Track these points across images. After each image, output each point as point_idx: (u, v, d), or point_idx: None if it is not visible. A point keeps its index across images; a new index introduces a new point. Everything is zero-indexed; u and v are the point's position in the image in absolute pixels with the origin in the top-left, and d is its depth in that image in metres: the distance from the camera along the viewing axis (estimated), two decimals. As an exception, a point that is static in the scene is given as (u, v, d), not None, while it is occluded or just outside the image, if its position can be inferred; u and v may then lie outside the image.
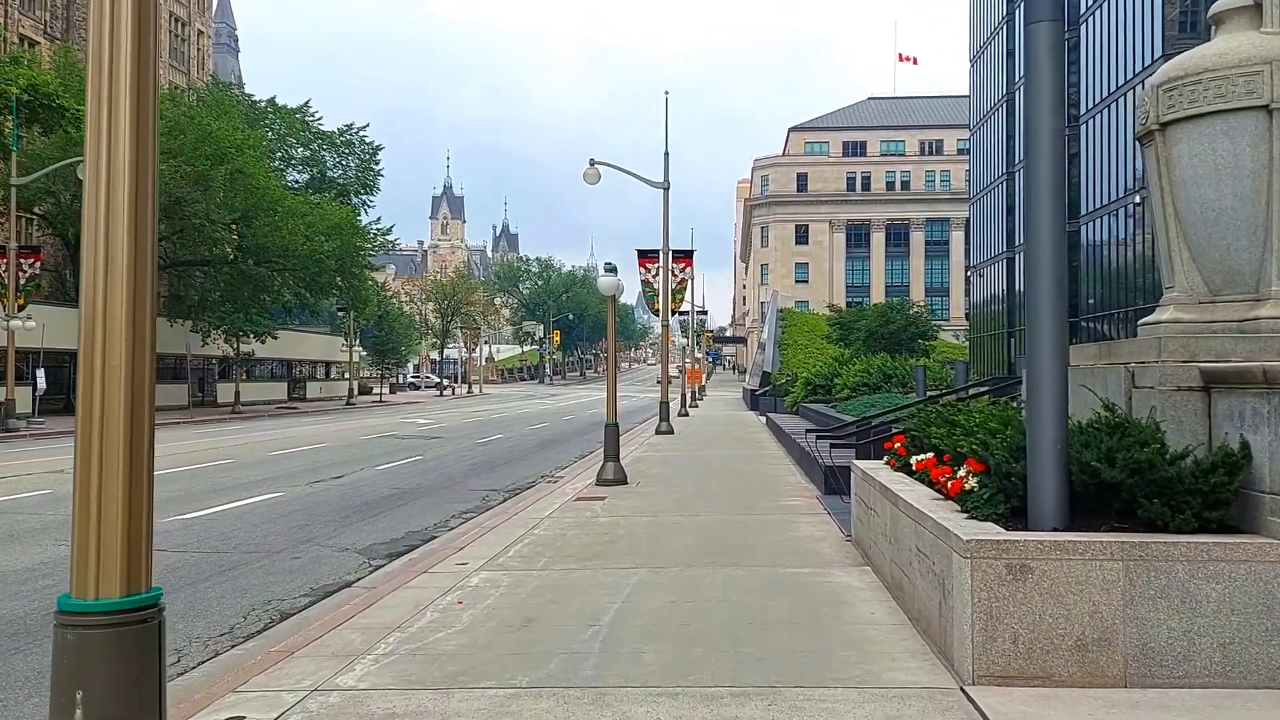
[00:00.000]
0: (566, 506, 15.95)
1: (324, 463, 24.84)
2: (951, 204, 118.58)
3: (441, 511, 16.62)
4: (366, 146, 71.82)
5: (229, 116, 57.14)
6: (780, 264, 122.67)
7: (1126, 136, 40.46)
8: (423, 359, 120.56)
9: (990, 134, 63.72)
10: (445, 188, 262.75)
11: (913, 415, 12.34)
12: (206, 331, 51.31)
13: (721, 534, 12.83)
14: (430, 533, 14.49)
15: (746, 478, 20.01)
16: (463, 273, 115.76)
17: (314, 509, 16.77)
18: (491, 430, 38.78)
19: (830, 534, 12.75)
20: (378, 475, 22.21)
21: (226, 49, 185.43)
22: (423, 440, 33.32)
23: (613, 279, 19.00)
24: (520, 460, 26.55)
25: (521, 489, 19.98)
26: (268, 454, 27.34)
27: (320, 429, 39.84)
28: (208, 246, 50.33)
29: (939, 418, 10.11)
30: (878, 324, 44.93)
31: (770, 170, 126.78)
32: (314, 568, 11.85)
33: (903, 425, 12.34)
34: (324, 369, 79.71)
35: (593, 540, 12.47)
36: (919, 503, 8.05)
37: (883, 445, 14.40)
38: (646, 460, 24.40)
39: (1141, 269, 39.14)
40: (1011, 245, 58.06)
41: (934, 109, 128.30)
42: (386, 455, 27.19)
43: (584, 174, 36.04)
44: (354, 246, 57.35)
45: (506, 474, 22.95)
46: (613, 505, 15.92)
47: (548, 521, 14.28)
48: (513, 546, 12.16)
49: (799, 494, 17.02)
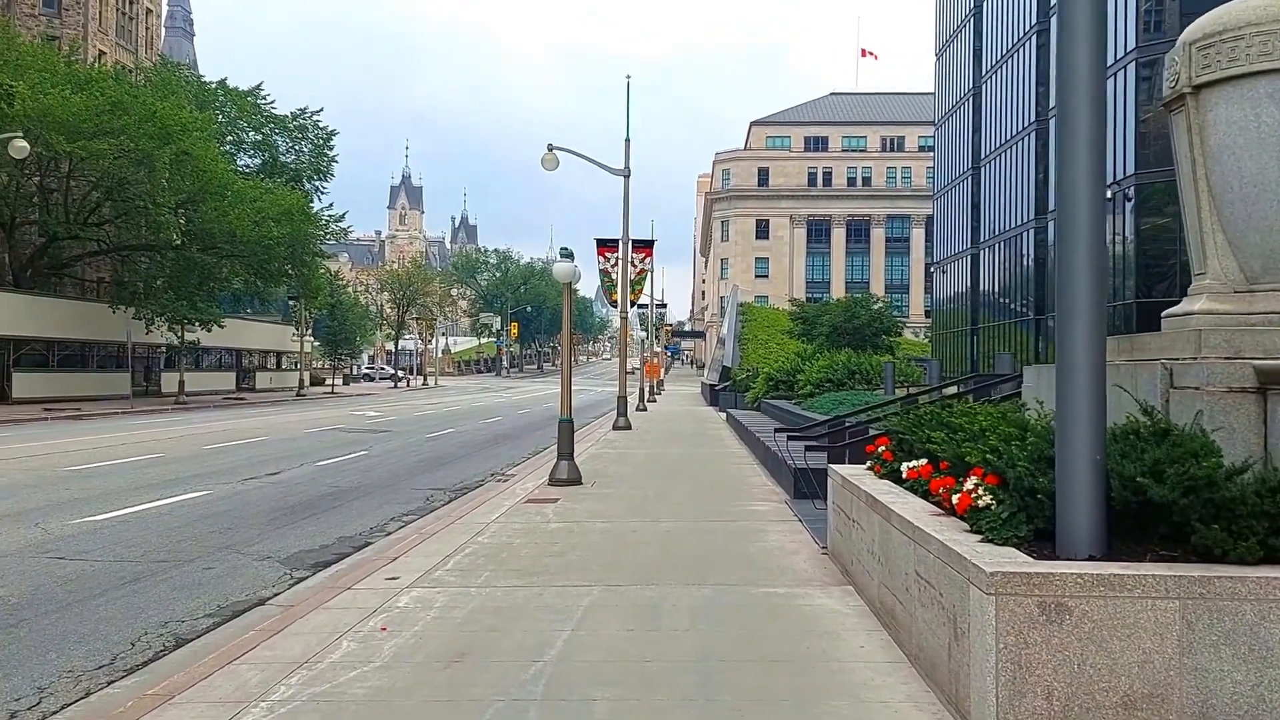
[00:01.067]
0: (516, 510, 14.73)
1: (261, 458, 23.40)
2: (913, 201, 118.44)
3: (380, 514, 15.33)
4: (320, 131, 69.77)
5: (176, 97, 55.18)
6: (740, 258, 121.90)
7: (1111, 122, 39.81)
8: (378, 350, 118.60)
9: (956, 128, 63.02)
10: (404, 178, 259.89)
11: (893, 415, 11.27)
12: (150, 319, 49.32)
13: (685, 544, 11.68)
14: (365, 538, 13.22)
15: (710, 478, 18.89)
16: (419, 262, 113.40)
17: (241, 510, 15.42)
18: (443, 424, 37.40)
19: (804, 545, 11.63)
20: (317, 472, 20.84)
21: (182, 33, 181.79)
22: (369, 434, 31.90)
23: (568, 265, 17.78)
24: (470, 456, 25.27)
25: (469, 488, 18.73)
26: (202, 448, 25.82)
27: (264, 421, 38.24)
28: (152, 231, 48.39)
29: (933, 419, 9.00)
30: (842, 319, 43.95)
31: (731, 164, 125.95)
32: (228, 580, 10.55)
33: (884, 426, 11.23)
34: (275, 359, 77.65)
35: (542, 551, 11.27)
36: (918, 519, 6.91)
37: (862, 448, 13.31)
38: (603, 458, 23.21)
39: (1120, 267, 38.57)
40: (976, 241, 57.37)
41: (896, 105, 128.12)
42: (330, 450, 25.78)
43: (542, 159, 34.79)
44: (305, 233, 55.47)
45: (455, 471, 21.67)
46: (566, 509, 14.73)
47: (494, 527, 13.06)
48: (453, 557, 10.93)
49: (767, 497, 15.91)
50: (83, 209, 51.03)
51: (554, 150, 34.96)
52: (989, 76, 55.71)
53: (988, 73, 55.95)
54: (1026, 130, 49.00)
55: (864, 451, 13.12)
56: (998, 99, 53.94)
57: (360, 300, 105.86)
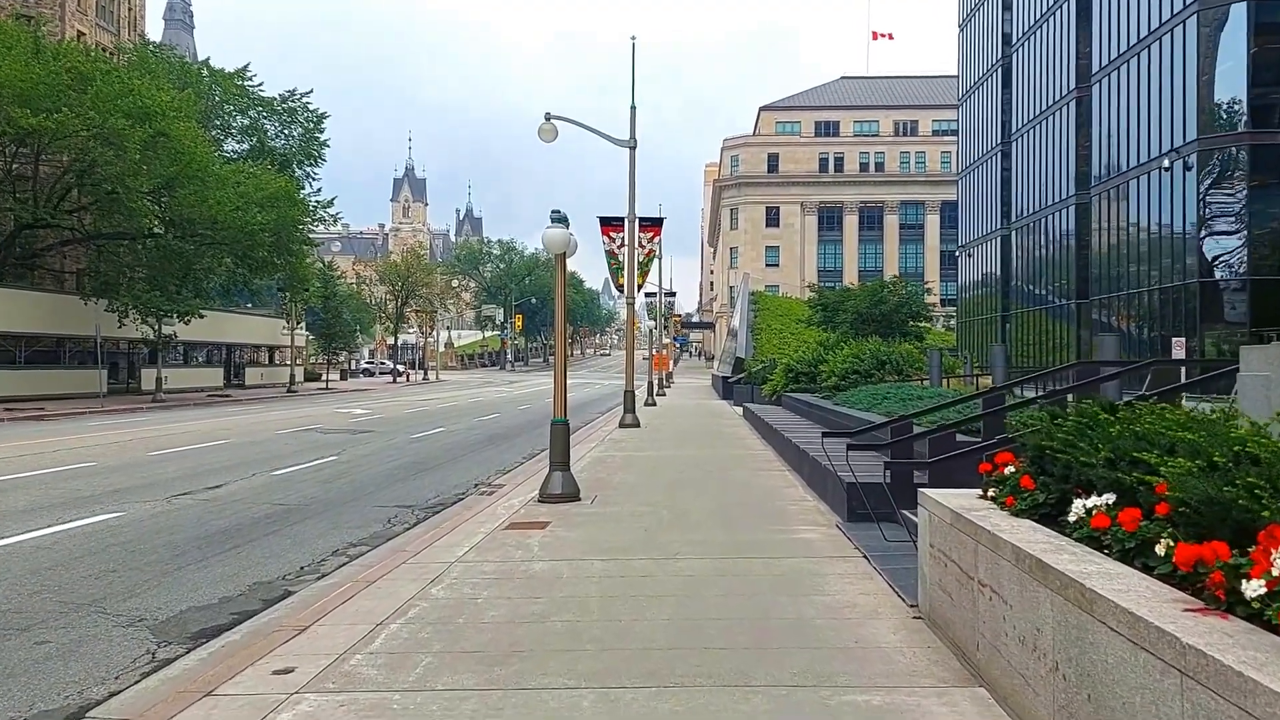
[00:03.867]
0: (493, 539, 11.48)
1: (210, 466, 20.15)
2: (927, 186, 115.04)
3: (322, 544, 12.09)
4: (311, 114, 66.38)
5: (155, 76, 51.94)
6: (750, 247, 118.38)
7: (1150, 90, 36.27)
8: (378, 344, 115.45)
9: (982, 102, 59.37)
10: (407, 169, 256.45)
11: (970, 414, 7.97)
12: (123, 311, 46.05)
13: (714, 600, 8.40)
14: (286, 585, 9.98)
15: (736, 491, 15.61)
16: (418, 252, 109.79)
17: (147, 540, 12.18)
18: (433, 422, 34.17)
19: (884, 600, 8.33)
20: (268, 484, 17.59)
21: (181, 25, 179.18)
22: (348, 435, 28.67)
23: (562, 232, 14.47)
24: (457, 461, 22.03)
25: (446, 504, 15.52)
26: (147, 454, 22.55)
27: (237, 421, 35.02)
28: (126, 217, 45.16)
29: (1112, 433, 5.70)
30: (867, 305, 40.55)
31: (740, 150, 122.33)
32: (55, 664, 7.30)
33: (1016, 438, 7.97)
34: (267, 354, 74.46)
35: (514, 613, 8.00)
36: (1180, 629, 3.64)
37: (941, 457, 10.01)
38: (607, 463, 19.93)
39: (1170, 242, 35.02)
40: (1008, 221, 53.83)
41: (909, 88, 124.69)
42: (295, 455, 22.55)
43: (540, 129, 31.50)
44: (291, 219, 52.10)
45: (433, 482, 18.42)
46: (556, 539, 11.47)
47: (457, 570, 9.82)
48: (388, 625, 7.68)
49: (812, 520, 12.62)
50: (53, 194, 47.83)
51: (552, 120, 31.75)
52: (1020, 44, 52.11)
53: (1019, 40, 52.35)
54: (1065, 99, 45.49)
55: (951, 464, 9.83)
56: (1030, 68, 50.41)
57: (359, 292, 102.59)
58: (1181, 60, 33.49)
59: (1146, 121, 36.51)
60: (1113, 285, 40.12)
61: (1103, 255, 41.31)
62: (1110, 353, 12.81)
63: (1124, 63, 38.54)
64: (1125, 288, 39.04)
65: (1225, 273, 33.21)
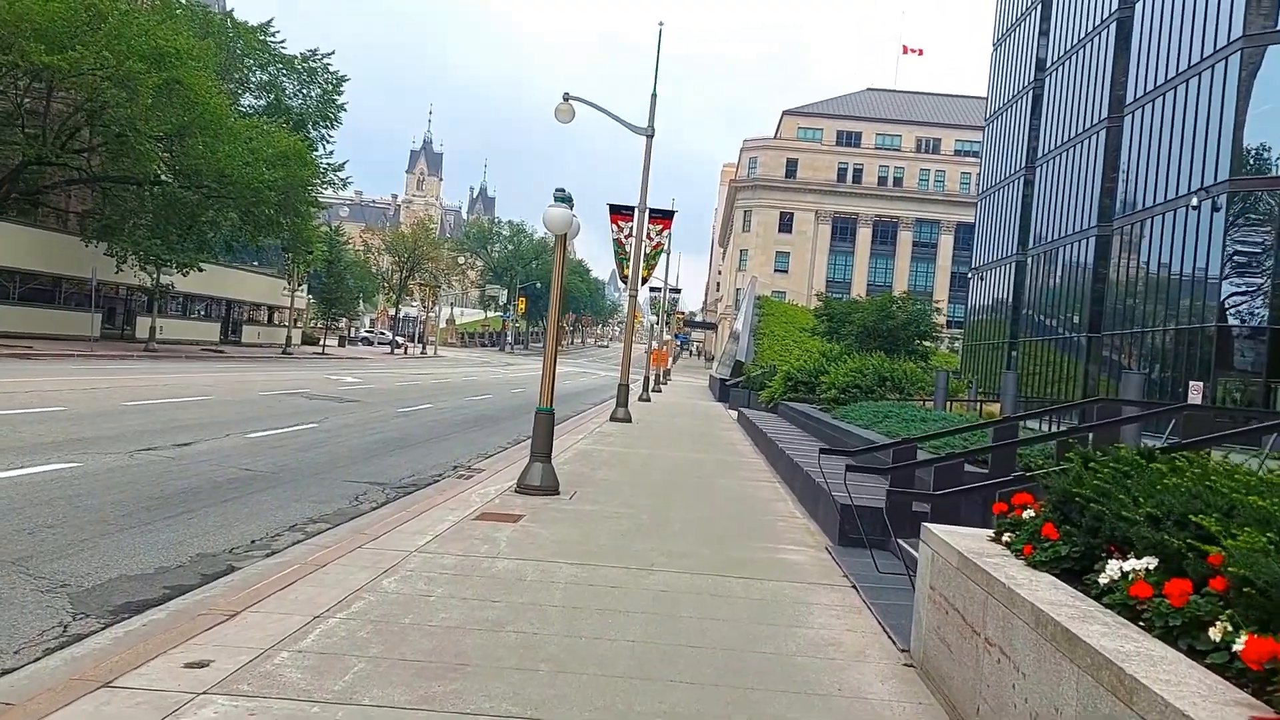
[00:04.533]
0: (459, 530, 10.76)
1: (184, 422, 19.43)
2: (944, 205, 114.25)
3: (279, 517, 11.38)
4: (331, 76, 65.52)
5: (175, 21, 51.13)
6: (760, 251, 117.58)
7: (1185, 125, 35.38)
8: (380, 314, 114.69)
9: (1010, 125, 58.48)
10: (425, 143, 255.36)
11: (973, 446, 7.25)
12: (122, 256, 45.28)
13: (688, 624, 7.67)
14: (231, 560, 9.27)
15: (722, 500, 14.89)
16: (426, 225, 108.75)
17: (95, 496, 11.47)
18: (423, 398, 33.45)
19: (872, 640, 7.60)
20: (239, 447, 16.87)
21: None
22: (335, 403, 27.95)
23: (564, 211, 13.72)
24: (439, 440, 21.31)
25: (420, 485, 14.82)
26: (121, 404, 21.83)
27: (225, 378, 34.33)
28: (132, 161, 44.37)
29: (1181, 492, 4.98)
30: (874, 319, 39.76)
31: (759, 152, 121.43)
32: (-47, 633, 6.59)
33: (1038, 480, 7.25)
34: (267, 313, 73.73)
35: (468, 617, 7.29)
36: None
37: (950, 490, 9.28)
38: (592, 458, 19.20)
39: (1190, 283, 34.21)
40: (1024, 247, 52.99)
41: (935, 106, 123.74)
42: (275, 419, 21.83)
43: (556, 109, 30.93)
44: (301, 179, 51.27)
45: (412, 459, 17.70)
46: (527, 534, 10.76)
47: (417, 560, 9.10)
48: (327, 618, 6.97)
49: (800, 540, 11.90)
50: (62, 132, 47.06)
51: (570, 100, 31.05)
52: (1054, 69, 51.23)
53: (1053, 65, 51.47)
54: (1096, 127, 44.64)
55: (957, 498, 9.12)
56: (1062, 94, 49.55)
57: (365, 259, 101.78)
58: (1220, 97, 32.68)
59: (1178, 157, 35.68)
60: (1126, 322, 39.32)
61: (1119, 290, 40.50)
62: (1134, 391, 12.04)
63: (1160, 95, 37.70)
64: (1139, 326, 38.25)
65: (1244, 319, 32.42)
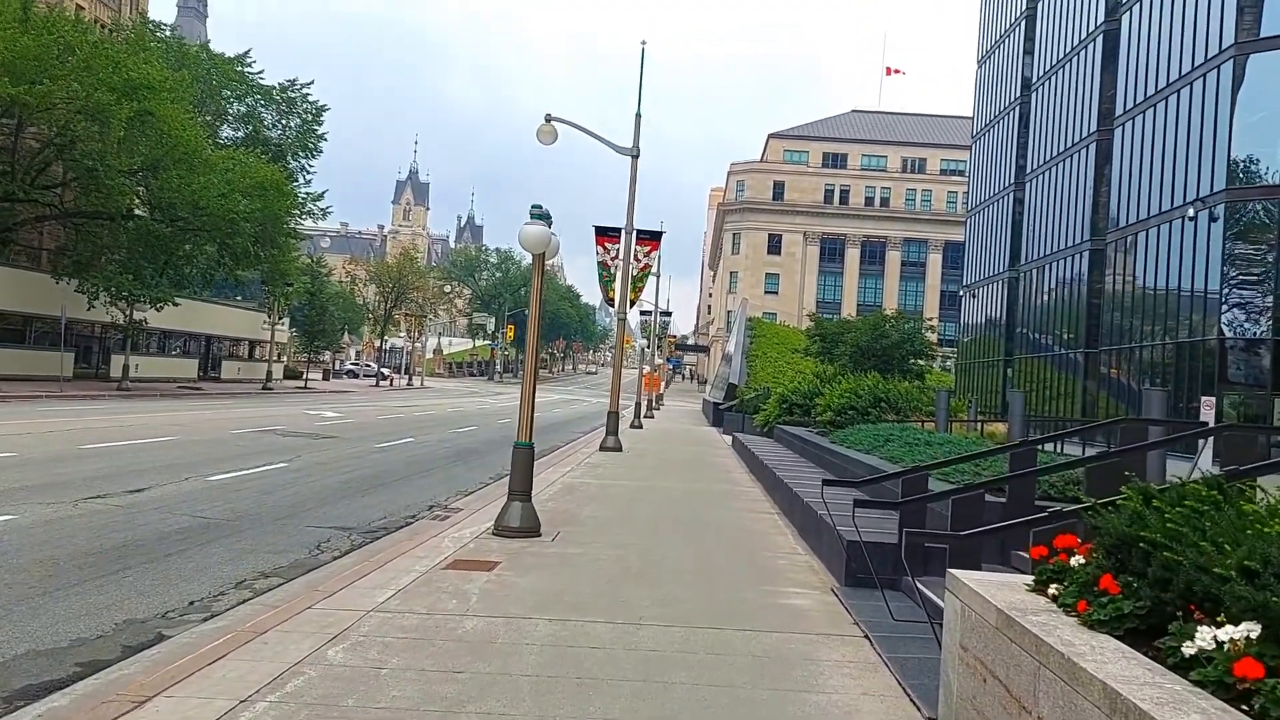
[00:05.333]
0: (427, 582, 9.71)
1: (142, 465, 18.33)
2: (932, 225, 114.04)
3: (227, 572, 10.31)
4: (310, 105, 64.71)
5: (148, 53, 50.26)
6: (750, 273, 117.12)
7: (1178, 136, 34.59)
8: (365, 346, 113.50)
9: (998, 140, 57.78)
10: (411, 172, 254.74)
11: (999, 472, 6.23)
12: (93, 293, 44.14)
13: (683, 694, 6.62)
14: (159, 627, 8.20)
15: (718, 536, 13.84)
16: (411, 255, 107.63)
17: (24, 553, 10.41)
18: (404, 431, 32.37)
19: (895, 710, 6.55)
20: (198, 491, 15.78)
21: (194, 14, 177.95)
22: (309, 440, 26.83)
23: (541, 229, 12.75)
24: (417, 477, 20.26)
25: (391, 529, 13.77)
26: (79, 447, 20.71)
27: (195, 416, 33.18)
28: (104, 196, 43.35)
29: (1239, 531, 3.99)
30: (868, 338, 38.85)
31: (746, 175, 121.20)
32: None
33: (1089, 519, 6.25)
34: (247, 348, 72.52)
35: (424, 695, 6.23)
36: None
37: (978, 530, 8.26)
38: (579, 492, 18.13)
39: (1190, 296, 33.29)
40: (1015, 263, 52.16)
41: (919, 126, 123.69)
42: (242, 459, 20.72)
43: (538, 130, 29.96)
44: (278, 209, 50.22)
45: (385, 500, 16.64)
46: (501, 585, 9.71)
47: (373, 622, 8.04)
48: (255, 702, 5.96)
49: (804, 579, 10.85)
50: (32, 168, 46.05)
51: (553, 122, 30.16)
52: (1041, 84, 50.58)
53: (1039, 79, 50.81)
54: (1085, 141, 43.90)
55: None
56: (1050, 108, 48.88)
57: (351, 292, 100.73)
58: (1214, 107, 31.90)
59: (1171, 169, 34.88)
60: (1124, 337, 38.41)
61: (1115, 305, 39.61)
62: (1157, 409, 11.06)
63: (1150, 107, 36.93)
64: (1136, 340, 37.35)
65: (1246, 331, 31.55)
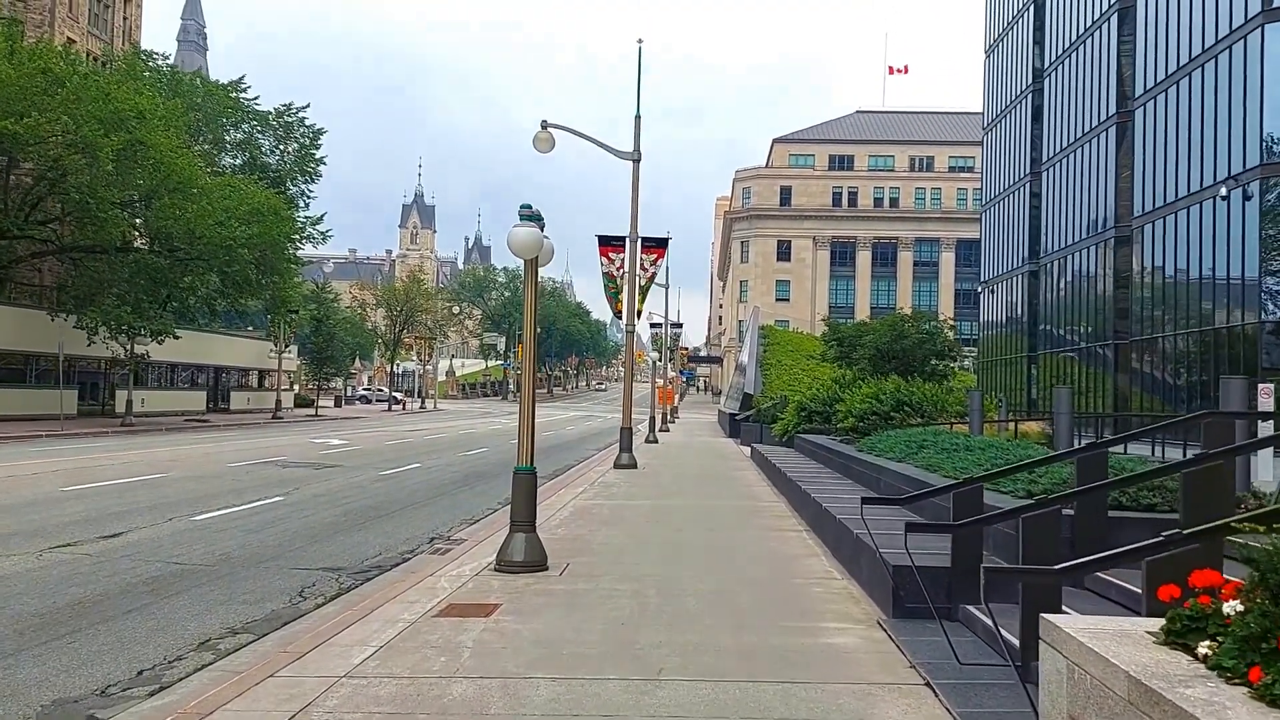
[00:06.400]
0: (414, 634, 8.47)
1: (125, 507, 17.14)
2: (943, 223, 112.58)
3: (191, 630, 9.09)
4: (307, 130, 63.76)
5: (140, 84, 49.40)
6: (761, 280, 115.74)
7: (1204, 113, 33.21)
8: (377, 371, 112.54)
9: (1011, 129, 56.40)
10: (416, 196, 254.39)
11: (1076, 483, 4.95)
12: (92, 328, 43.12)
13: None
14: (92, 708, 6.99)
15: (743, 561, 12.55)
16: (418, 276, 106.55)
17: (-38, 618, 9.20)
18: (412, 457, 31.17)
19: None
20: (180, 533, 14.59)
21: (195, 47, 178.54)
22: (310, 470, 25.64)
23: (530, 232, 11.55)
24: (421, 505, 19.06)
25: (385, 567, 12.59)
26: (60, 489, 19.52)
27: (194, 450, 32.02)
28: (95, 228, 42.39)
29: None
30: (888, 340, 37.37)
31: (752, 182, 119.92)
32: None
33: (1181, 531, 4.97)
34: (256, 377, 71.54)
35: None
36: None
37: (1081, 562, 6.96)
38: (592, 515, 16.89)
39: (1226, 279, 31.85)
40: (1036, 256, 50.72)
41: (925, 124, 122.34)
42: (234, 495, 19.52)
43: (535, 138, 28.78)
44: (277, 235, 49.16)
45: (383, 533, 15.46)
46: (500, 634, 8.45)
47: (343, 692, 6.80)
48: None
49: (845, 610, 9.55)
50: (25, 203, 45.15)
51: (550, 129, 29.01)
52: (1054, 69, 49.26)
53: (1052, 65, 49.52)
54: (1104, 124, 42.52)
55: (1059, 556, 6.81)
56: (1064, 93, 47.53)
57: (362, 317, 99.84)
58: (1242, 79, 30.51)
59: (1199, 147, 33.48)
60: (1156, 326, 36.94)
61: (1144, 293, 38.17)
62: (1237, 400, 9.76)
63: (1172, 84, 35.57)
64: (1170, 329, 35.89)
65: (1287, 312, 30.20)
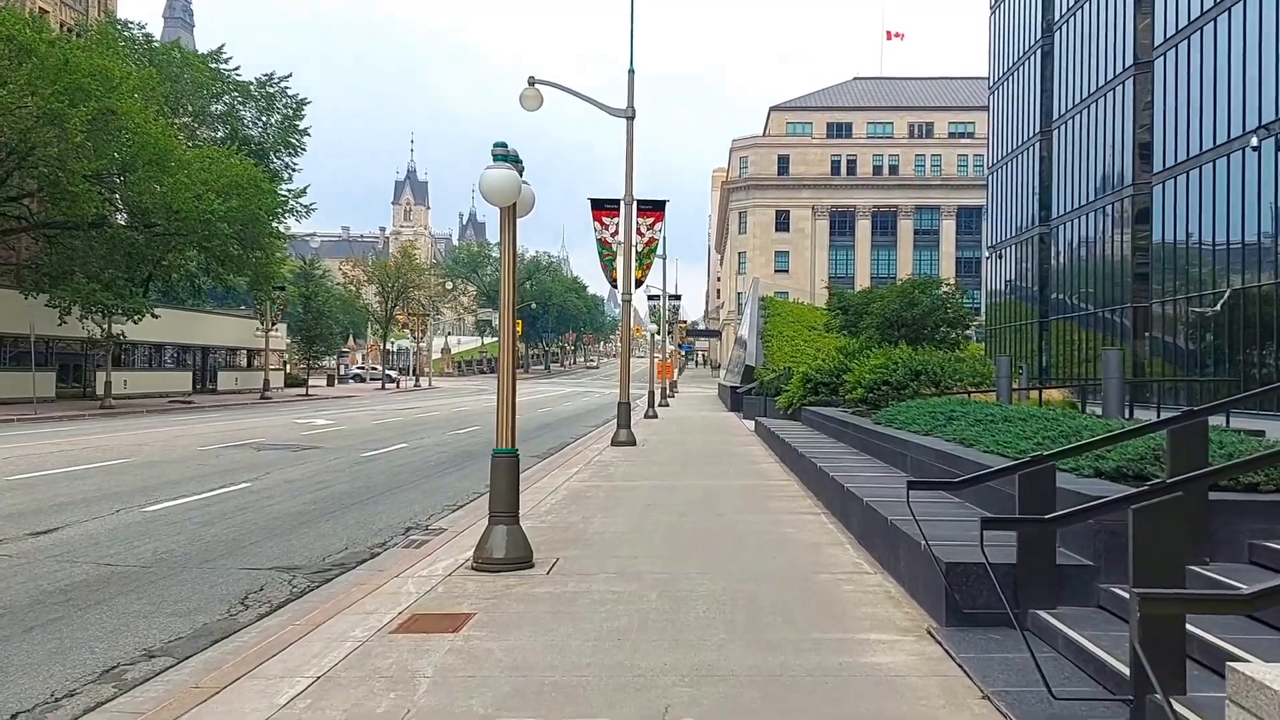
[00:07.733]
0: (366, 656, 6.86)
1: (71, 497, 15.53)
2: (943, 190, 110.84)
3: (98, 654, 7.50)
4: (290, 100, 61.75)
5: (115, 53, 47.46)
6: (759, 252, 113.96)
7: (1231, 60, 31.41)
8: (370, 349, 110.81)
9: (1018, 87, 54.45)
10: (409, 172, 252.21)
11: None
12: (65, 308, 41.38)
13: None
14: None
15: (756, 551, 10.93)
16: (409, 252, 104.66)
17: None
18: (398, 436, 29.56)
19: None
20: (120, 528, 12.98)
21: (181, 24, 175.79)
22: (287, 452, 24.03)
23: (506, 174, 9.85)
24: (402, 489, 17.47)
25: (349, 565, 11.01)
26: (4, 478, 17.90)
27: (165, 433, 30.36)
28: (68, 203, 40.58)
29: None
30: (898, 307, 35.76)
31: (749, 151, 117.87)
32: None
33: None
34: (245, 357, 69.79)
35: None
36: None
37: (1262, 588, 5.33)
38: (586, 499, 15.26)
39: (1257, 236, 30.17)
40: (1047, 219, 48.94)
41: (924, 90, 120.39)
42: (196, 481, 17.90)
43: (522, 95, 27.20)
44: (257, 208, 47.26)
45: (354, 522, 13.89)
46: (468, 657, 6.82)
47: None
48: None
49: (885, 615, 7.91)
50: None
51: (537, 85, 27.25)
52: (1065, 19, 47.30)
53: (1064, 15, 47.54)
54: (1121, 76, 40.67)
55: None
56: (1077, 46, 45.63)
57: (354, 294, 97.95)
58: (1273, 22, 28.74)
59: (1225, 97, 31.71)
60: (1178, 288, 35.26)
61: (1165, 253, 36.47)
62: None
63: (1195, 30, 33.73)
64: (1194, 290, 34.22)
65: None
